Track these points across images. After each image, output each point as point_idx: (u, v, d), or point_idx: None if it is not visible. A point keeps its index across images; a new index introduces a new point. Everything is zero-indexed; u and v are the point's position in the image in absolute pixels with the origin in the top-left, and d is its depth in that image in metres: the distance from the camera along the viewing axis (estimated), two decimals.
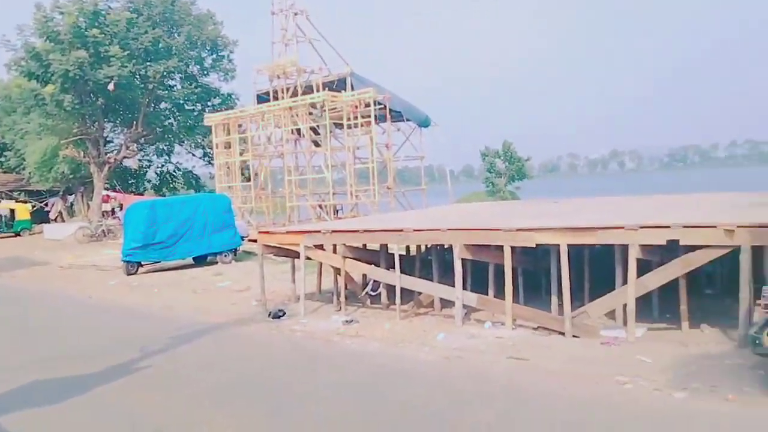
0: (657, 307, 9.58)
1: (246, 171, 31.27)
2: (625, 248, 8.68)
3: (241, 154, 30.43)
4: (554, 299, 9.78)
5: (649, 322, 9.08)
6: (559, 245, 9.06)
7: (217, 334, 10.24)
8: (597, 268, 10.70)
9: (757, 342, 6.08)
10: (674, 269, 8.37)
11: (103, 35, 30.15)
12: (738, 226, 7.68)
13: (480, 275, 11.01)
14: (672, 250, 8.56)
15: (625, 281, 8.77)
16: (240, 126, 30.66)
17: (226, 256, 19.16)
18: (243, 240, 19.94)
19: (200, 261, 19.27)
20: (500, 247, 9.61)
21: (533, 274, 11.38)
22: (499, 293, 9.99)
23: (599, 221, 9.25)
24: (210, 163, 36.84)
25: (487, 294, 10.38)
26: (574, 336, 8.73)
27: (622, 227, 8.47)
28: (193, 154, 39.65)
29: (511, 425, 5.65)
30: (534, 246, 9.48)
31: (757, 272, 8.21)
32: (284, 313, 11.19)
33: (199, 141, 37.65)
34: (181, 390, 7.19)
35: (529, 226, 9.34)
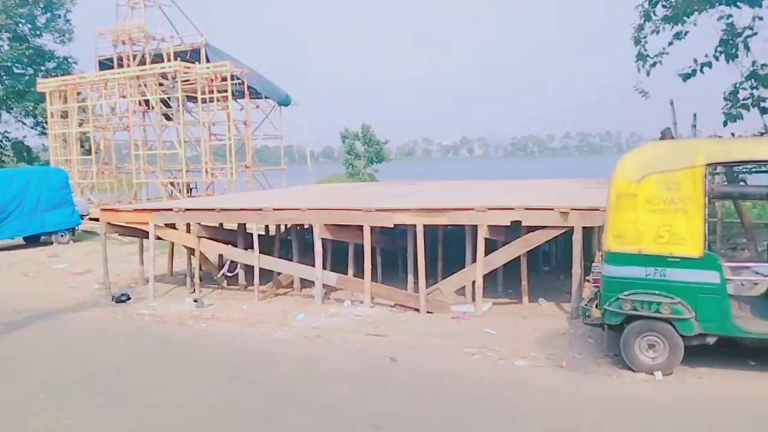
0: (501, 284, 10.33)
1: (86, 143, 28.63)
2: (474, 228, 9.24)
3: (80, 125, 27.74)
4: (410, 278, 10.17)
5: (494, 298, 9.78)
6: (415, 225, 9.41)
7: (53, 321, 9.34)
8: (449, 247, 11.28)
9: (587, 313, 6.78)
10: (517, 247, 9.06)
11: None
12: (572, 209, 8.47)
13: (339, 255, 11.12)
14: (515, 230, 9.26)
15: (474, 260, 9.34)
16: (79, 94, 27.92)
17: (62, 236, 17.55)
18: (82, 219, 18.41)
19: (32, 241, 17.49)
20: (360, 227, 9.76)
21: (391, 254, 11.72)
22: (358, 273, 10.17)
23: (452, 203, 9.73)
24: (44, 133, 33.25)
25: (346, 273, 10.52)
26: (428, 312, 9.15)
27: (472, 209, 8.99)
28: (24, 123, 35.49)
29: (370, 399, 5.80)
30: (392, 226, 9.76)
31: (587, 251, 9.16)
32: (128, 297, 10.49)
33: (30, 109, 33.77)
34: (13, 382, 6.50)
35: (387, 207, 9.59)
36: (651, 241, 6.18)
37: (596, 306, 6.67)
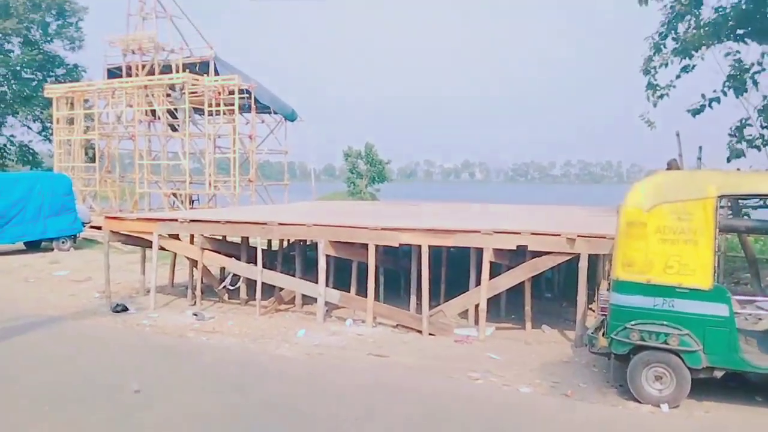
0: (504, 308, 10.29)
1: (90, 151, 28.69)
2: (480, 251, 9.22)
3: (85, 132, 27.85)
4: (413, 298, 10.13)
5: (497, 322, 9.72)
6: (420, 246, 9.39)
7: (52, 328, 9.26)
8: (452, 269, 11.26)
9: (593, 342, 6.73)
10: (522, 272, 9.05)
11: None
12: (578, 236, 8.47)
13: (342, 273, 11.09)
14: (520, 255, 9.25)
15: (478, 282, 9.31)
16: (86, 101, 28.05)
17: (64, 242, 17.52)
18: (84, 226, 18.36)
19: (33, 247, 17.47)
20: (364, 246, 9.74)
21: (393, 274, 11.69)
22: (361, 291, 10.13)
23: (458, 225, 9.73)
24: (49, 139, 33.32)
25: (349, 291, 10.47)
26: (430, 334, 9.09)
27: (479, 231, 8.98)
28: (29, 128, 35.61)
29: (372, 419, 5.73)
30: (398, 245, 9.74)
31: (591, 278, 9.14)
32: (126, 308, 10.41)
33: (38, 114, 33.94)
34: (8, 390, 6.41)
35: (394, 226, 9.57)
36: (660, 271, 6.16)
37: (603, 335, 6.63)
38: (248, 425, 5.58)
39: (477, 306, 9.18)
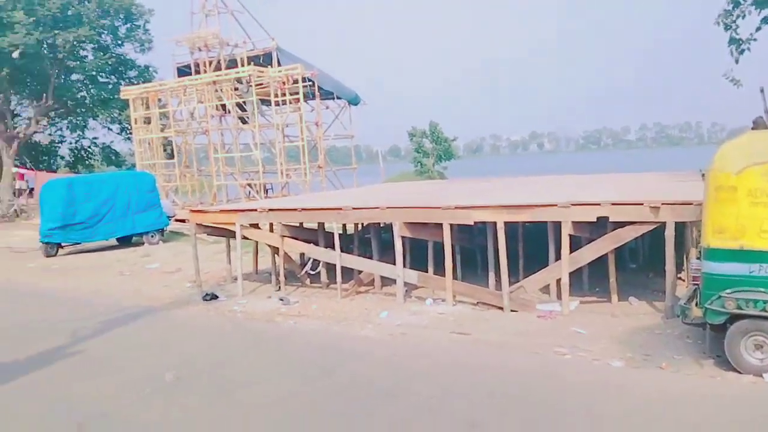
0: (587, 282, 10.10)
1: (168, 147, 30.05)
2: (558, 225, 9.08)
3: (162, 130, 29.17)
4: (491, 275, 10.12)
5: (581, 296, 9.58)
6: (495, 222, 9.35)
7: (152, 318, 9.91)
8: (530, 244, 11.15)
9: (686, 312, 6.55)
10: (605, 244, 8.85)
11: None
12: (663, 203, 8.19)
13: (419, 253, 11.20)
14: (601, 226, 9.05)
15: (558, 257, 9.19)
16: (160, 100, 29.35)
17: (152, 236, 18.51)
18: (170, 220, 19.29)
19: (125, 242, 18.55)
20: (439, 225, 9.78)
21: (469, 251, 11.70)
22: (438, 270, 10.21)
23: (532, 199, 9.60)
24: (128, 138, 35.10)
25: (426, 271, 10.58)
26: (512, 310, 9.08)
27: (556, 205, 8.84)
28: (110, 129, 37.65)
29: (458, 398, 5.83)
30: (472, 223, 9.73)
31: (679, 247, 8.82)
32: (216, 296, 10.94)
33: (116, 115, 35.79)
34: (117, 377, 6.92)
35: (467, 204, 9.57)
36: (754, 236, 5.92)
37: (696, 304, 6.43)
38: (343, 404, 5.82)
39: (558, 280, 9.08)
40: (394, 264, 10.09)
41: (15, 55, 27.90)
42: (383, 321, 9.02)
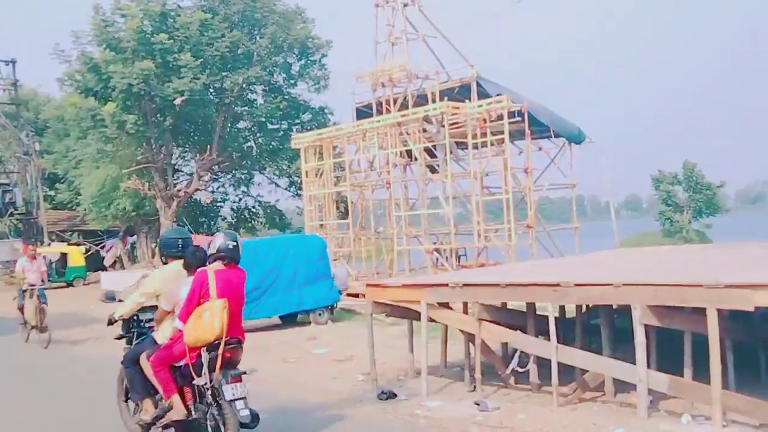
0: None
1: (342, 205, 31.85)
2: None
3: (335, 183, 31.06)
4: None
5: None
6: None
7: (317, 417, 10.36)
8: None
9: None
10: None
11: (172, 41, 32.17)
12: None
13: (670, 348, 10.48)
14: None
15: None
16: (335, 148, 31.36)
17: (321, 314, 19.36)
18: (341, 294, 20.16)
19: (289, 320, 19.62)
20: (701, 310, 9.11)
21: (747, 348, 10.73)
22: (700, 374, 9.45)
23: None
24: (298, 194, 38.02)
25: (681, 375, 9.84)
26: None
27: None
28: (277, 185, 41.15)
29: None
30: (752, 309, 8.91)
31: None
32: (394, 395, 11.12)
33: (284, 168, 38.96)
34: None
35: (743, 282, 8.80)
36: None
37: None
38: None
39: None
40: (634, 363, 9.54)
41: (177, 101, 31.74)
42: None
